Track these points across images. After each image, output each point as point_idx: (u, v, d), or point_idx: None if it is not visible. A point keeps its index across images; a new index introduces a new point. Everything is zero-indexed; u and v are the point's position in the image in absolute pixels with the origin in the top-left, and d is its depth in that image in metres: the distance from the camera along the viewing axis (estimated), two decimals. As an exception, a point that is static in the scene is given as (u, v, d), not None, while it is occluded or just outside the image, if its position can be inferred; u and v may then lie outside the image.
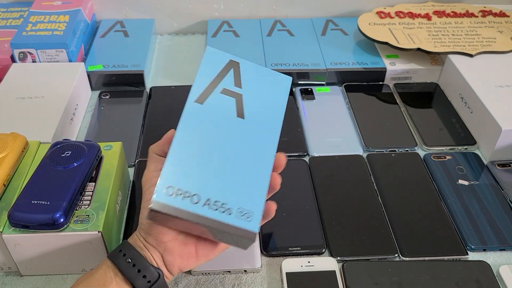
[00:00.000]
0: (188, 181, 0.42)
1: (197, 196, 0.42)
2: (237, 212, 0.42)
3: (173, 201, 0.41)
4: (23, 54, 0.79)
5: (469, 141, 0.73)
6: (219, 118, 0.46)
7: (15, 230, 0.49)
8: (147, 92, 0.83)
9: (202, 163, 0.44)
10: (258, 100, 0.49)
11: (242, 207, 0.42)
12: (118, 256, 0.44)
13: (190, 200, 0.42)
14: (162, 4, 0.97)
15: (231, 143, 0.45)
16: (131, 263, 0.44)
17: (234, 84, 0.49)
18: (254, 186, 0.44)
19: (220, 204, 0.42)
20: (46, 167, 0.53)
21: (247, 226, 0.42)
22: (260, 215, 0.42)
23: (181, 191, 0.42)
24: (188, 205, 0.41)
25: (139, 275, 0.43)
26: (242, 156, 0.45)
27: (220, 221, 0.41)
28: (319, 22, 0.97)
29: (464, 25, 0.89)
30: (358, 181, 0.66)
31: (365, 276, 0.54)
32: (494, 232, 0.59)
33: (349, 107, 0.79)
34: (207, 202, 0.42)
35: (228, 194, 0.43)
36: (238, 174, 0.44)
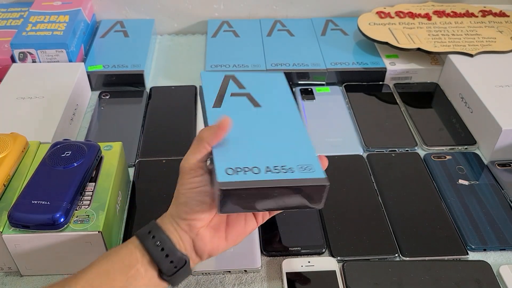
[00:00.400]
0: (242, 159, 0.44)
1: (256, 168, 0.44)
2: (299, 168, 0.44)
3: (238, 177, 0.42)
4: (23, 54, 0.79)
5: (469, 141, 0.73)
6: (241, 112, 0.50)
7: (15, 230, 0.49)
8: (147, 92, 0.83)
9: (247, 143, 0.47)
10: (266, 93, 0.53)
11: (300, 164, 0.45)
12: (147, 237, 0.44)
13: (252, 172, 0.43)
14: (162, 4, 0.97)
15: (262, 123, 0.49)
16: (159, 247, 0.44)
17: (238, 88, 0.54)
18: (301, 146, 0.47)
19: (280, 167, 0.44)
20: (46, 167, 0.53)
21: (314, 175, 0.44)
22: (320, 165, 0.45)
23: (240, 168, 0.43)
24: (253, 176, 0.43)
25: (167, 260, 0.44)
26: (277, 128, 0.49)
27: (290, 179, 0.43)
28: (319, 22, 0.97)
29: (464, 25, 0.89)
30: (358, 181, 0.66)
31: (365, 276, 0.53)
32: (494, 232, 0.59)
33: (349, 107, 0.79)
34: (268, 169, 0.44)
35: (283, 158, 0.45)
36: (282, 142, 0.47)
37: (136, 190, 0.64)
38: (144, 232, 0.45)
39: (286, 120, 0.50)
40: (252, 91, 0.54)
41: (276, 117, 0.50)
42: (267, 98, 0.53)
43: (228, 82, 0.55)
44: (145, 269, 0.43)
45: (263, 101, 0.52)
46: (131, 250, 0.44)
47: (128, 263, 0.43)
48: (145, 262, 0.43)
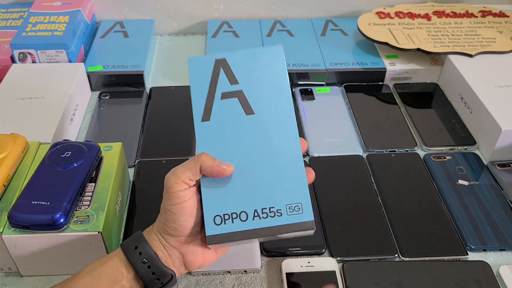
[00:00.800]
0: (230, 203, 0.44)
1: (244, 213, 0.44)
2: (287, 209, 0.43)
3: (225, 228, 0.43)
4: (23, 54, 0.79)
5: (469, 141, 0.73)
6: (231, 126, 0.46)
7: (15, 231, 0.49)
8: (147, 93, 0.83)
9: (235, 179, 0.45)
10: (259, 87, 0.47)
11: (289, 203, 0.43)
12: (133, 253, 0.44)
13: (239, 220, 0.44)
14: (162, 5, 0.97)
15: (253, 145, 0.45)
16: (146, 264, 0.43)
17: (230, 83, 0.48)
18: (292, 178, 0.44)
19: (268, 210, 0.44)
20: (46, 168, 0.53)
21: (301, 219, 0.43)
22: (309, 202, 0.43)
23: (228, 215, 0.44)
24: (240, 225, 0.43)
25: (153, 277, 0.44)
26: (269, 153, 0.45)
27: (274, 226, 0.43)
28: (319, 22, 0.97)
29: (463, 25, 0.89)
30: (358, 181, 0.66)
31: (365, 276, 0.54)
32: (494, 232, 0.59)
33: (349, 107, 0.79)
34: (255, 215, 0.44)
35: (271, 197, 0.44)
36: (272, 172, 0.44)
37: (136, 191, 0.64)
38: (130, 247, 0.44)
39: (281, 139, 0.45)
40: (245, 87, 0.47)
41: (269, 130, 0.46)
42: (261, 96, 0.47)
43: (219, 73, 0.48)
44: (130, 284, 0.43)
45: (256, 104, 0.47)
46: (117, 264, 0.44)
47: (114, 277, 0.43)
48: (130, 277, 0.43)
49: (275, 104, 0.46)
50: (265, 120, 0.46)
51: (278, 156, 0.45)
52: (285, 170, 0.44)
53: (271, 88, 0.47)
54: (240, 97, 0.47)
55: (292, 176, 0.44)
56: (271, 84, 0.47)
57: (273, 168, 0.45)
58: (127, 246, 0.44)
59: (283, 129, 0.46)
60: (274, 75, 0.48)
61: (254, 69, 0.48)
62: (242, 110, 0.47)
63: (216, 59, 0.48)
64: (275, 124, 0.46)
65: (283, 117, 0.46)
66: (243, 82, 0.48)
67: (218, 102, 0.47)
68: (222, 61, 0.48)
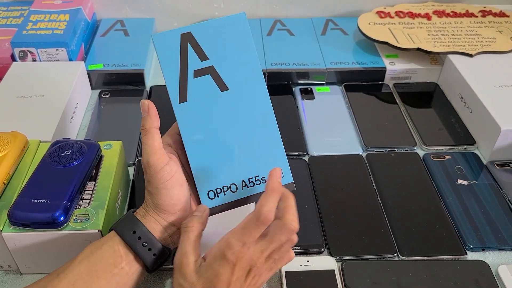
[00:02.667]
0: (220, 178, 0.48)
1: (234, 185, 0.48)
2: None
3: (219, 200, 0.48)
4: (23, 53, 0.79)
5: (468, 141, 0.73)
6: (209, 105, 0.48)
7: (15, 229, 0.49)
8: (147, 91, 0.83)
9: (221, 155, 0.48)
10: (230, 61, 0.48)
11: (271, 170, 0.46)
12: (132, 238, 0.44)
13: (230, 191, 0.48)
14: (162, 4, 0.97)
15: (232, 121, 0.48)
16: (147, 247, 0.45)
17: (200, 60, 0.48)
18: (270, 147, 0.49)
19: (254, 179, 0.49)
20: (46, 166, 0.53)
21: (283, 182, 0.48)
22: (288, 166, 0.49)
23: (220, 189, 0.48)
24: (232, 196, 0.48)
25: (154, 258, 0.45)
26: (248, 127, 0.49)
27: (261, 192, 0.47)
28: (319, 22, 0.97)
29: (464, 25, 0.89)
30: (357, 180, 0.66)
31: (364, 276, 0.54)
32: (493, 232, 0.59)
33: (348, 107, 0.80)
34: (244, 185, 0.49)
35: (255, 167, 0.49)
36: (253, 145, 0.49)
37: (136, 189, 0.64)
38: (127, 231, 0.45)
39: (256, 109, 0.49)
40: (216, 62, 0.48)
41: (246, 104, 0.48)
42: (232, 70, 0.48)
43: (187, 49, 0.48)
44: (130, 266, 0.44)
45: (229, 78, 0.48)
46: (114, 248, 0.44)
47: (113, 262, 0.44)
48: (130, 259, 0.44)
49: (246, 77, 0.49)
50: (240, 94, 0.49)
51: (257, 129, 0.49)
52: (264, 141, 0.49)
53: (240, 60, 0.48)
54: (212, 74, 0.48)
55: (271, 145, 0.49)
56: (240, 56, 0.48)
57: (253, 140, 0.49)
58: (123, 231, 0.45)
59: (258, 102, 0.49)
60: (241, 45, 0.48)
61: (221, 41, 0.48)
62: (216, 87, 0.48)
63: (182, 34, 0.48)
64: (249, 97, 0.49)
65: (256, 90, 0.49)
66: (213, 57, 0.48)
67: (192, 81, 0.48)
68: (188, 35, 0.48)
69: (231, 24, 0.48)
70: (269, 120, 0.49)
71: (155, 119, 0.47)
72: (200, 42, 0.48)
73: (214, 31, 0.48)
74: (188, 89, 0.48)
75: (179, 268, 0.43)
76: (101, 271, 0.43)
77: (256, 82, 0.49)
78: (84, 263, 0.43)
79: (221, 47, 0.48)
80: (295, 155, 0.70)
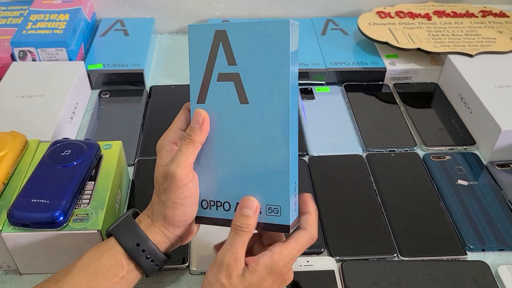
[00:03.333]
0: (216, 192, 0.46)
1: (227, 203, 0.46)
2: (266, 209, 0.44)
3: (210, 213, 0.46)
4: (23, 52, 0.79)
5: (468, 141, 0.73)
6: (225, 114, 0.45)
7: (15, 229, 0.49)
8: (147, 91, 0.83)
9: (223, 169, 0.45)
10: (257, 72, 0.43)
11: (269, 203, 0.44)
12: (136, 251, 0.44)
13: (222, 209, 0.46)
14: (162, 3, 0.97)
15: (244, 138, 0.44)
16: (150, 259, 0.45)
17: (228, 64, 0.44)
18: (276, 179, 0.44)
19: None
20: (45, 166, 0.53)
21: (278, 221, 0.44)
22: (288, 206, 0.44)
23: (213, 202, 0.46)
24: (223, 214, 0.46)
25: (156, 268, 0.46)
26: (258, 149, 0.44)
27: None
28: (319, 22, 0.97)
29: (464, 25, 0.89)
30: (357, 181, 0.66)
31: (364, 276, 0.54)
32: (493, 232, 0.59)
33: (348, 107, 0.79)
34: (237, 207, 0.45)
35: (254, 195, 0.44)
36: (258, 170, 0.44)
37: (136, 189, 0.64)
38: (130, 244, 0.44)
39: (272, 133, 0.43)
40: (242, 70, 0.44)
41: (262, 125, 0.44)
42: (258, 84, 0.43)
43: (218, 49, 0.44)
44: (130, 274, 0.44)
45: (251, 91, 0.44)
46: (116, 258, 0.44)
47: (113, 272, 0.43)
48: (131, 268, 0.44)
49: (270, 96, 0.43)
50: (258, 112, 0.44)
51: (267, 154, 0.44)
52: (271, 170, 0.44)
53: (269, 75, 0.43)
54: (236, 82, 0.44)
55: (277, 178, 0.44)
56: (270, 70, 0.43)
57: (260, 165, 0.44)
58: (126, 242, 0.44)
59: (276, 126, 0.43)
60: (275, 58, 0.42)
61: (255, 48, 0.43)
62: (237, 97, 0.44)
63: (217, 30, 0.44)
64: (268, 118, 0.43)
65: (278, 111, 0.43)
66: (241, 64, 0.44)
67: (214, 84, 0.45)
68: (222, 33, 0.44)
69: (271, 30, 0.42)
70: (283, 150, 0.43)
71: (204, 135, 0.44)
72: (233, 44, 0.44)
73: (250, 35, 0.43)
74: (209, 91, 0.45)
75: (225, 268, 0.42)
76: (101, 280, 0.43)
77: (280, 103, 0.43)
78: (84, 272, 0.43)
79: (252, 54, 0.43)
80: (295, 155, 0.70)
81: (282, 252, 0.43)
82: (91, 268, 0.43)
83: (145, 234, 0.44)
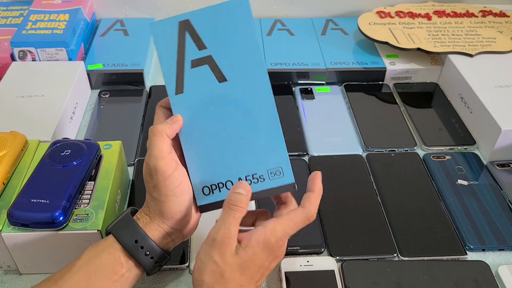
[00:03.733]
0: (215, 174, 0.46)
1: (229, 181, 0.46)
2: (269, 175, 0.45)
3: (214, 197, 0.46)
4: (23, 52, 0.79)
5: (468, 141, 0.73)
6: (206, 97, 0.46)
7: (15, 229, 0.49)
8: (147, 91, 0.83)
9: (217, 150, 0.46)
10: (228, 50, 0.45)
11: (270, 168, 0.45)
12: (134, 248, 0.44)
13: (225, 188, 0.45)
14: (162, 3, 0.97)
15: (230, 114, 0.45)
16: (149, 256, 0.44)
17: (198, 49, 0.46)
18: (270, 143, 0.45)
19: (251, 177, 0.45)
20: (45, 166, 0.53)
21: (283, 182, 0.45)
22: (288, 164, 0.45)
23: (215, 185, 0.46)
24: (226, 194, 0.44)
25: (156, 265, 0.45)
26: (246, 120, 0.45)
27: (259, 191, 0.45)
28: (319, 22, 0.97)
29: (464, 25, 0.89)
30: (357, 180, 0.66)
31: (364, 276, 0.54)
32: (493, 232, 0.59)
33: (348, 107, 0.79)
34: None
35: (253, 164, 0.45)
36: (251, 140, 0.45)
37: (136, 189, 0.64)
38: (128, 241, 0.44)
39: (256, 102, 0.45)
40: (214, 51, 0.45)
41: (245, 97, 0.45)
42: (231, 59, 0.45)
43: (185, 38, 0.46)
44: (130, 272, 0.44)
45: (227, 68, 0.45)
46: (114, 256, 0.43)
47: (113, 270, 0.43)
48: (130, 266, 0.44)
49: (246, 68, 0.45)
50: (238, 86, 0.45)
51: (256, 123, 0.45)
52: (263, 136, 0.45)
53: (240, 49, 0.45)
54: (210, 64, 0.45)
55: (271, 141, 0.45)
56: (240, 45, 0.45)
57: (251, 135, 0.45)
58: (124, 239, 0.44)
59: (258, 94, 0.45)
60: (242, 33, 0.45)
61: (220, 28, 0.45)
62: (214, 78, 0.45)
63: (180, 21, 0.46)
64: (249, 89, 0.45)
65: (256, 81, 0.45)
66: (211, 46, 0.45)
67: (189, 71, 0.46)
68: (186, 23, 0.46)
69: (232, 9, 0.45)
70: (270, 114, 0.45)
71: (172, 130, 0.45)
72: (198, 29, 0.45)
73: (213, 17, 0.45)
74: (185, 80, 0.46)
75: (218, 246, 0.41)
76: (100, 279, 0.42)
77: (257, 73, 0.45)
78: (83, 271, 0.42)
79: (219, 35, 0.45)
80: (295, 155, 0.70)
81: (276, 228, 0.43)
82: (90, 266, 0.43)
83: (144, 231, 0.44)
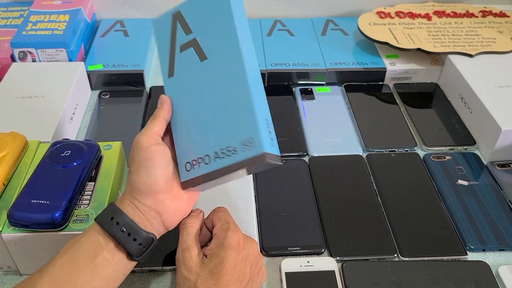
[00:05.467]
0: (194, 149, 0.47)
1: (207, 156, 0.46)
2: (241, 146, 0.45)
3: (194, 173, 0.47)
4: (23, 53, 0.79)
5: (468, 141, 0.73)
6: (190, 76, 0.49)
7: (15, 230, 0.49)
8: (147, 92, 0.83)
9: (195, 126, 0.47)
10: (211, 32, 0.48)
11: (241, 139, 0.45)
12: (110, 225, 0.44)
13: (204, 163, 0.46)
14: (162, 4, 0.97)
15: (207, 90, 0.47)
16: (125, 232, 0.44)
17: (185, 34, 0.50)
18: (242, 114, 0.45)
19: (226, 150, 0.45)
20: (45, 167, 0.53)
21: (254, 153, 0.44)
22: (260, 134, 0.44)
23: (195, 160, 0.47)
24: (205, 168, 0.46)
25: (135, 243, 0.44)
26: (221, 95, 0.47)
27: (233, 164, 0.45)
28: (319, 22, 0.97)
29: (464, 25, 0.89)
30: (357, 181, 0.66)
31: (364, 276, 0.54)
32: (493, 232, 0.59)
33: (349, 107, 0.79)
34: (216, 156, 0.46)
35: (226, 137, 0.46)
36: (225, 113, 0.46)
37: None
38: (105, 219, 0.44)
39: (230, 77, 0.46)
40: (198, 34, 0.49)
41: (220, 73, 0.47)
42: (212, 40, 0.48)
43: (176, 27, 0.50)
44: (112, 254, 0.43)
45: (208, 48, 0.48)
46: (93, 237, 0.43)
47: (93, 251, 0.43)
48: (111, 248, 0.43)
49: (223, 46, 0.47)
50: (216, 63, 0.48)
51: (229, 98, 0.46)
52: (235, 109, 0.46)
53: (220, 30, 0.48)
54: (194, 46, 0.49)
55: (242, 112, 0.45)
56: (219, 26, 0.48)
57: (225, 110, 0.46)
58: (102, 219, 0.44)
59: (232, 70, 0.46)
60: (221, 15, 0.48)
61: (204, 14, 0.49)
62: (197, 58, 0.48)
63: (173, 13, 0.51)
64: (224, 66, 0.47)
65: (231, 58, 0.47)
66: (196, 30, 0.49)
67: (179, 55, 0.49)
68: (177, 14, 0.51)
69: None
70: (242, 88, 0.46)
71: (167, 111, 0.48)
72: (187, 18, 0.50)
73: (199, 5, 0.50)
74: (175, 64, 0.49)
75: (182, 263, 0.45)
76: (82, 262, 0.42)
77: (231, 50, 0.47)
78: (65, 256, 0.42)
79: (203, 20, 0.49)
80: (295, 156, 0.70)
81: (222, 227, 0.47)
82: (72, 250, 0.43)
83: (118, 207, 0.45)
